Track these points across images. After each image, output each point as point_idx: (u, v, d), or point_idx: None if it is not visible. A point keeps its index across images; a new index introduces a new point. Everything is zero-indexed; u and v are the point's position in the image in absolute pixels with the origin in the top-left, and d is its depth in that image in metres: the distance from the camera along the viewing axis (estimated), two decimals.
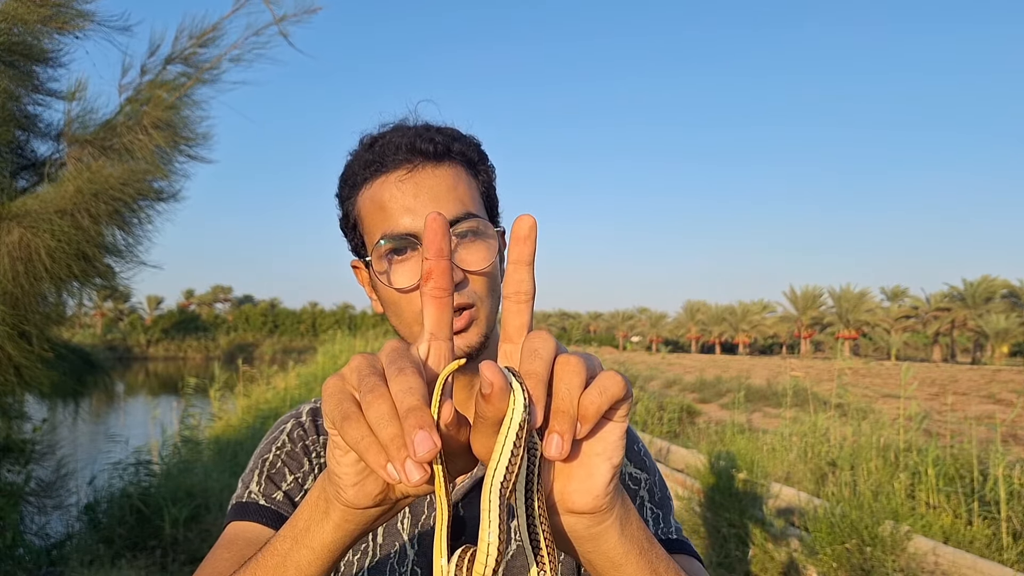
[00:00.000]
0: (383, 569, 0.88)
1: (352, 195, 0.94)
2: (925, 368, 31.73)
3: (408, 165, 0.89)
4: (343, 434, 0.48)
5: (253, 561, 0.63)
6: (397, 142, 0.90)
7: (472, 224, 0.88)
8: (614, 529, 0.55)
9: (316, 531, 0.58)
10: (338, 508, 0.56)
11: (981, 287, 48.67)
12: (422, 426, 0.43)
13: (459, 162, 0.92)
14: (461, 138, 0.95)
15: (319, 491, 0.58)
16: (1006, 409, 12.84)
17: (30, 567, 4.38)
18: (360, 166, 0.93)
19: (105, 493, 5.61)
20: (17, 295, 3.55)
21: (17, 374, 3.79)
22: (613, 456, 0.52)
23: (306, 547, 0.59)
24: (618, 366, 17.81)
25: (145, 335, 50.66)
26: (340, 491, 0.54)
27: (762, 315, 65.27)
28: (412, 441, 0.43)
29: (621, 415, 0.51)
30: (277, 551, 0.61)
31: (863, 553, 4.19)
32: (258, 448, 0.98)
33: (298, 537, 0.59)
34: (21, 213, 3.55)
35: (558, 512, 0.53)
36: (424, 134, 0.91)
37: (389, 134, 0.93)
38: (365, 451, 0.47)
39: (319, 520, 0.58)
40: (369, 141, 0.94)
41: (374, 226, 0.90)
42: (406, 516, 0.91)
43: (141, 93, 4.25)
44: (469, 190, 0.92)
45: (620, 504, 0.56)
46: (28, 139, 4.03)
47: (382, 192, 0.89)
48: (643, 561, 0.58)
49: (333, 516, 0.57)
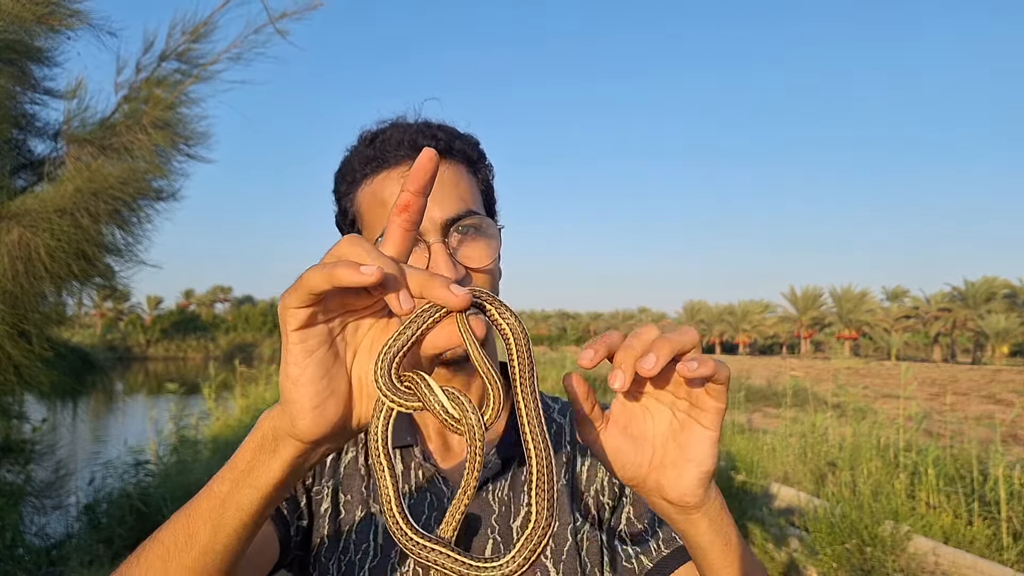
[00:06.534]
0: (384, 568, 0.88)
1: (351, 191, 0.94)
2: (925, 368, 31.71)
3: (410, 161, 0.89)
4: (383, 262, 0.49)
5: (189, 503, 0.62)
6: (399, 138, 0.90)
7: (474, 221, 0.89)
8: (702, 522, 0.64)
9: (262, 470, 0.57)
10: (290, 443, 0.55)
11: (982, 287, 48.62)
12: None
13: (460, 160, 0.92)
14: (461, 136, 0.95)
15: (266, 429, 0.57)
16: (1006, 409, 12.84)
17: (30, 567, 4.37)
18: (360, 162, 0.92)
19: (104, 493, 5.60)
20: (17, 294, 3.54)
21: (17, 374, 3.79)
22: (703, 463, 0.60)
23: (249, 487, 0.58)
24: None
25: (145, 335, 50.60)
26: (296, 420, 0.53)
27: (762, 315, 65.19)
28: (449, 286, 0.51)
29: (716, 391, 0.57)
30: (215, 493, 0.60)
31: (863, 553, 4.18)
32: None
33: (239, 479, 0.58)
34: (21, 212, 3.55)
35: (656, 496, 0.63)
36: (426, 131, 0.91)
37: (389, 130, 0.93)
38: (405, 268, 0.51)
39: (266, 459, 0.57)
40: (369, 137, 0.94)
41: (375, 221, 0.90)
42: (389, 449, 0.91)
43: (139, 91, 4.25)
44: (470, 188, 0.92)
45: (711, 502, 0.63)
46: (26, 138, 4.03)
47: (383, 188, 0.89)
48: (728, 553, 0.66)
49: (283, 453, 0.56)
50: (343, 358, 0.55)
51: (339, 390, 0.55)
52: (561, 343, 49.45)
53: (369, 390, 0.56)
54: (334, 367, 0.54)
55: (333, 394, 0.54)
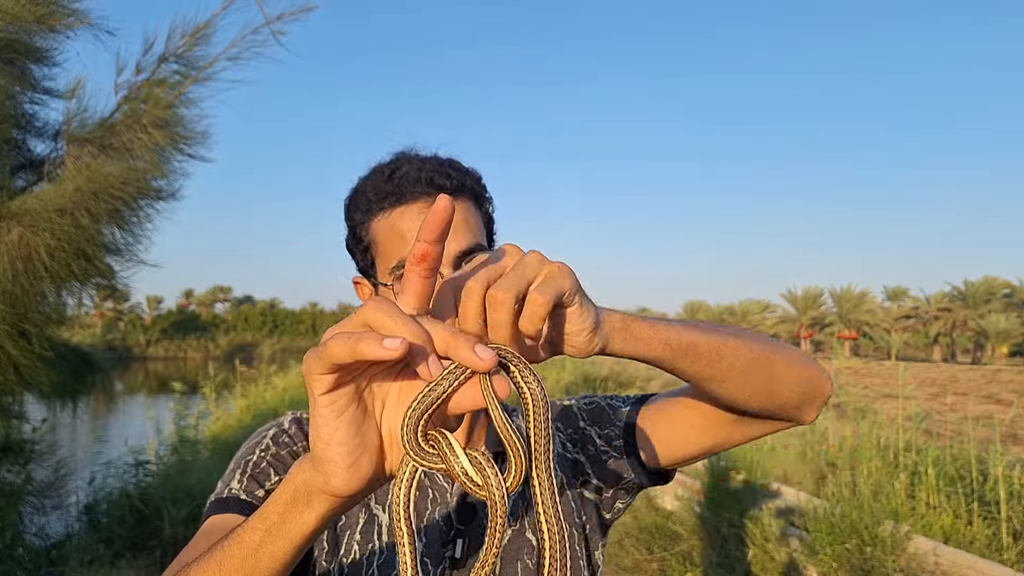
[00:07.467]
0: (392, 564, 0.90)
1: (366, 220, 1.00)
2: (925, 368, 31.70)
3: (427, 198, 0.95)
4: (408, 330, 0.48)
5: (219, 549, 0.62)
6: (415, 175, 0.96)
7: (481, 257, 0.92)
8: (615, 346, 0.66)
9: (295, 522, 0.58)
10: (325, 499, 0.55)
11: (982, 287, 48.66)
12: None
13: (469, 196, 0.99)
14: (469, 173, 1.02)
15: (299, 483, 0.57)
16: (1006, 409, 12.83)
17: (30, 567, 4.37)
18: (376, 195, 0.98)
19: (104, 493, 5.60)
20: (17, 294, 3.54)
21: (17, 374, 3.79)
22: (580, 331, 0.62)
23: (282, 538, 0.58)
24: (618, 366, 17.80)
25: (145, 335, 50.59)
26: (330, 477, 0.53)
27: (762, 315, 65.20)
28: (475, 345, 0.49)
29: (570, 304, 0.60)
30: (246, 542, 0.60)
31: (863, 553, 4.19)
32: (238, 453, 1.00)
33: (271, 530, 0.59)
34: (20, 212, 3.55)
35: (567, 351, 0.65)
36: (440, 169, 0.98)
37: (405, 166, 0.99)
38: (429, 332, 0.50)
39: (299, 512, 0.57)
40: (388, 172, 0.99)
41: (391, 252, 0.96)
42: (410, 513, 0.92)
43: (139, 91, 4.25)
44: (477, 223, 0.99)
45: (606, 328, 0.65)
46: (25, 138, 4.03)
47: (402, 222, 0.95)
48: (669, 350, 0.70)
49: (318, 507, 0.56)
50: (372, 412, 0.56)
51: (371, 445, 0.55)
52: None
53: (399, 440, 0.57)
54: (365, 423, 0.54)
55: (366, 450, 0.54)
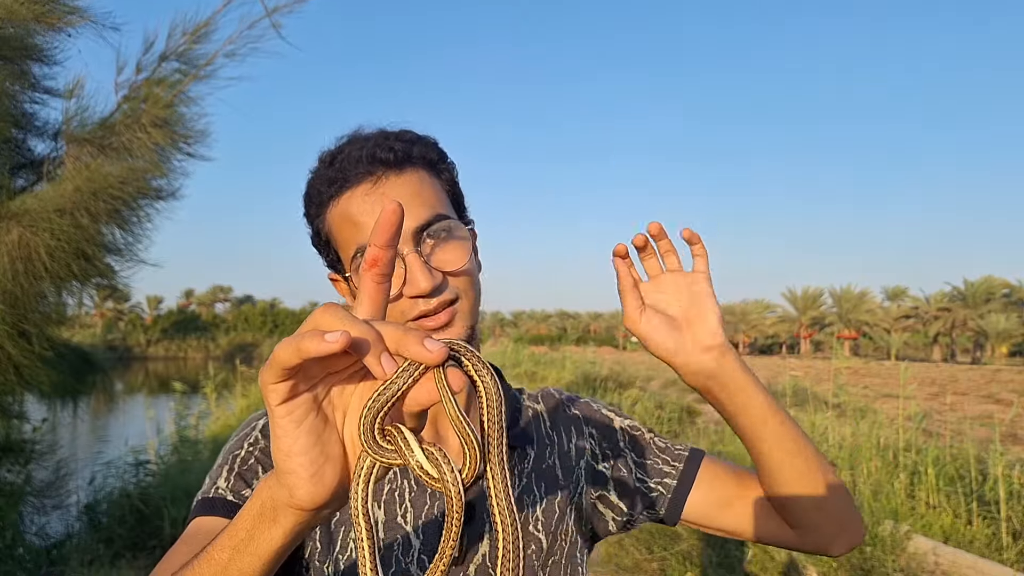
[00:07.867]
0: (389, 561, 0.88)
1: (320, 212, 0.95)
2: (925, 368, 31.71)
3: (371, 177, 0.90)
4: (353, 327, 0.47)
5: (189, 569, 0.61)
6: (356, 155, 0.91)
7: (444, 225, 0.90)
8: (733, 360, 0.89)
9: (263, 539, 0.56)
10: (290, 513, 0.54)
11: (981, 287, 48.66)
12: None
13: (420, 165, 0.93)
14: (419, 140, 0.95)
15: (265, 498, 0.56)
16: (1006, 409, 12.83)
17: (30, 567, 4.37)
18: (323, 184, 0.93)
19: (105, 493, 5.60)
20: (17, 294, 3.54)
21: (17, 373, 3.79)
22: (715, 304, 0.91)
23: (250, 555, 0.57)
24: (618, 366, 17.81)
25: (145, 335, 50.57)
26: (294, 491, 0.52)
27: (762, 315, 65.22)
28: (424, 339, 0.48)
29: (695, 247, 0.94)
30: (215, 560, 0.59)
31: (863, 553, 4.19)
32: (228, 444, 0.96)
33: (239, 547, 0.58)
34: (20, 212, 3.55)
35: (695, 353, 0.89)
36: (383, 143, 0.91)
37: (347, 148, 0.93)
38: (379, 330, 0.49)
39: (266, 528, 0.56)
40: (329, 158, 0.94)
41: (348, 241, 0.91)
42: (408, 510, 0.91)
43: (139, 91, 4.25)
44: (435, 191, 0.93)
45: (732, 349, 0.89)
46: (25, 137, 4.03)
47: (350, 207, 0.90)
48: (763, 391, 0.90)
49: (284, 523, 0.55)
50: (333, 421, 0.54)
51: (334, 454, 0.54)
52: (561, 343, 49.44)
53: (355, 436, 0.55)
54: (325, 432, 0.53)
55: (328, 460, 0.53)
